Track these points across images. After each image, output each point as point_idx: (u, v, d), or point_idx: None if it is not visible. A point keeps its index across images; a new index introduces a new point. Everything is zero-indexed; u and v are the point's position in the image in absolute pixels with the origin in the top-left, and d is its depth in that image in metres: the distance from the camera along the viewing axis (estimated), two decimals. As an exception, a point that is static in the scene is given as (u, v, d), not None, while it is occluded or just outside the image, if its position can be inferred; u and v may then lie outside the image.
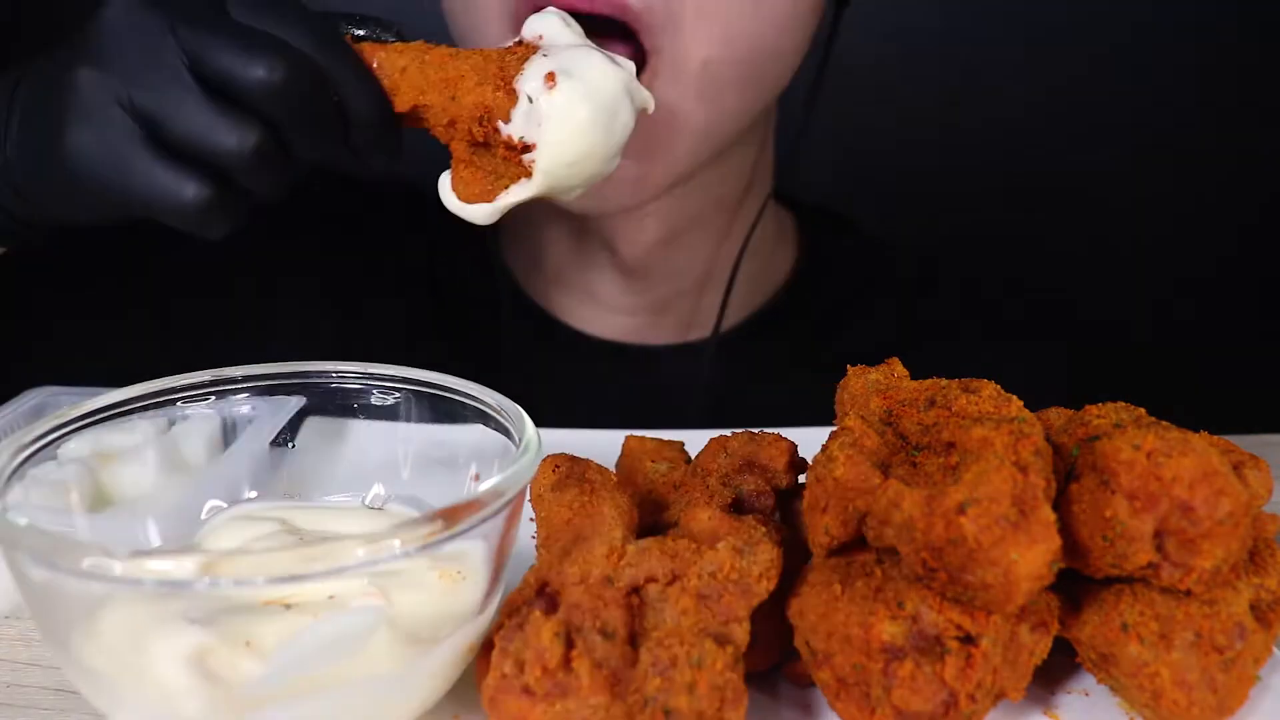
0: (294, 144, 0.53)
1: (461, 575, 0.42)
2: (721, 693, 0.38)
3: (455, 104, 0.53)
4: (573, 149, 0.52)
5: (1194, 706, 0.40)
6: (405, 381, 0.52)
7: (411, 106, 0.54)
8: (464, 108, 0.53)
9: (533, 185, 0.53)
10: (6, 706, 0.44)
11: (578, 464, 0.47)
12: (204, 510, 0.50)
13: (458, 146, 0.55)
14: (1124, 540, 0.39)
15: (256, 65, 0.49)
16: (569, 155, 0.52)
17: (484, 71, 0.53)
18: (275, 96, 0.50)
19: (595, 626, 0.39)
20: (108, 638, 0.38)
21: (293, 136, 0.52)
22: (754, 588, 0.41)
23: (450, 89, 0.53)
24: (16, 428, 0.58)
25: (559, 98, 0.51)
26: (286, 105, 0.50)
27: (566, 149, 0.52)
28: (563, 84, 0.51)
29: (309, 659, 0.37)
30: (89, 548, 0.35)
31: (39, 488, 0.46)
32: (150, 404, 0.50)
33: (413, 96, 0.54)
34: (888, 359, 0.49)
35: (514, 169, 0.54)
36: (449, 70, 0.54)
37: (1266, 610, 0.42)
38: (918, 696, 0.38)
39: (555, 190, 0.54)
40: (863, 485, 0.42)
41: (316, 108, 0.52)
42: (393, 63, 0.54)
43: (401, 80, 0.54)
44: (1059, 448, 0.43)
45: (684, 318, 0.88)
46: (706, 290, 0.87)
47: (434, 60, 0.54)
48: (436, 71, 0.54)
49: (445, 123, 0.54)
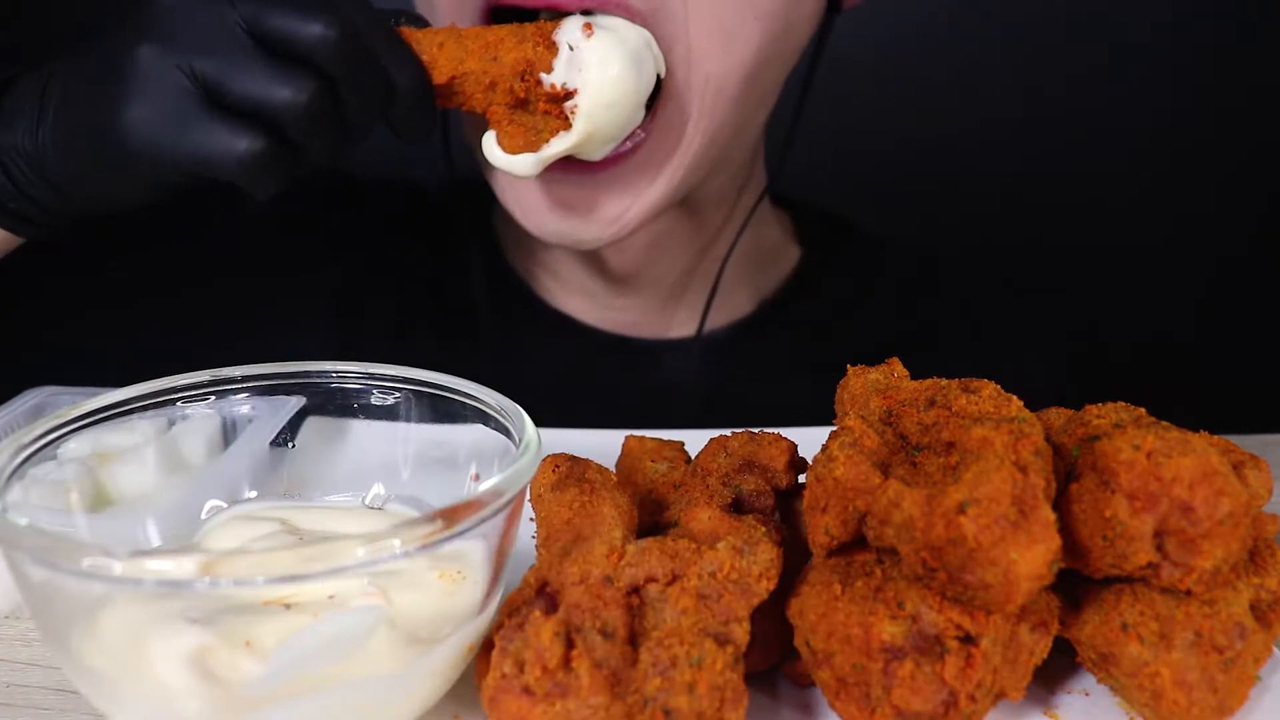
0: (346, 102, 0.55)
1: (461, 575, 0.42)
2: (721, 693, 0.38)
3: (496, 64, 0.58)
4: (611, 90, 0.58)
5: (1194, 706, 0.40)
6: (405, 381, 0.52)
7: (450, 78, 0.57)
8: (505, 66, 0.58)
9: (574, 133, 0.59)
10: (6, 706, 0.44)
11: (578, 464, 0.47)
12: (204, 510, 0.50)
13: (496, 110, 0.59)
14: (1124, 540, 0.39)
15: (313, 22, 0.53)
16: (608, 96, 0.58)
17: (521, 33, 0.58)
18: (330, 52, 0.53)
19: (595, 626, 0.39)
20: (108, 638, 0.38)
21: (345, 93, 0.55)
22: (754, 588, 0.41)
23: (491, 51, 0.58)
24: (16, 428, 0.58)
25: (597, 43, 0.58)
26: (340, 60, 0.53)
27: (605, 90, 0.58)
28: (599, 33, 0.58)
29: (309, 659, 0.37)
30: (89, 548, 0.35)
31: (39, 488, 0.46)
32: (150, 404, 0.50)
33: (451, 67, 0.57)
34: (888, 359, 0.49)
35: (553, 122, 0.59)
36: (488, 36, 0.58)
37: (1266, 610, 0.43)
38: (918, 696, 0.38)
39: (592, 139, 0.59)
40: (863, 485, 0.42)
41: (366, 68, 0.55)
42: (430, 39, 0.58)
43: (440, 54, 0.57)
44: (1059, 448, 0.43)
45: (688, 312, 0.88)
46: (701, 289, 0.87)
47: (470, 33, 0.58)
48: (475, 41, 0.58)
49: (485, 86, 0.58)
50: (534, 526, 0.47)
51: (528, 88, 0.58)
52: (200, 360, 0.53)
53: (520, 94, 0.58)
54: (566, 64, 0.58)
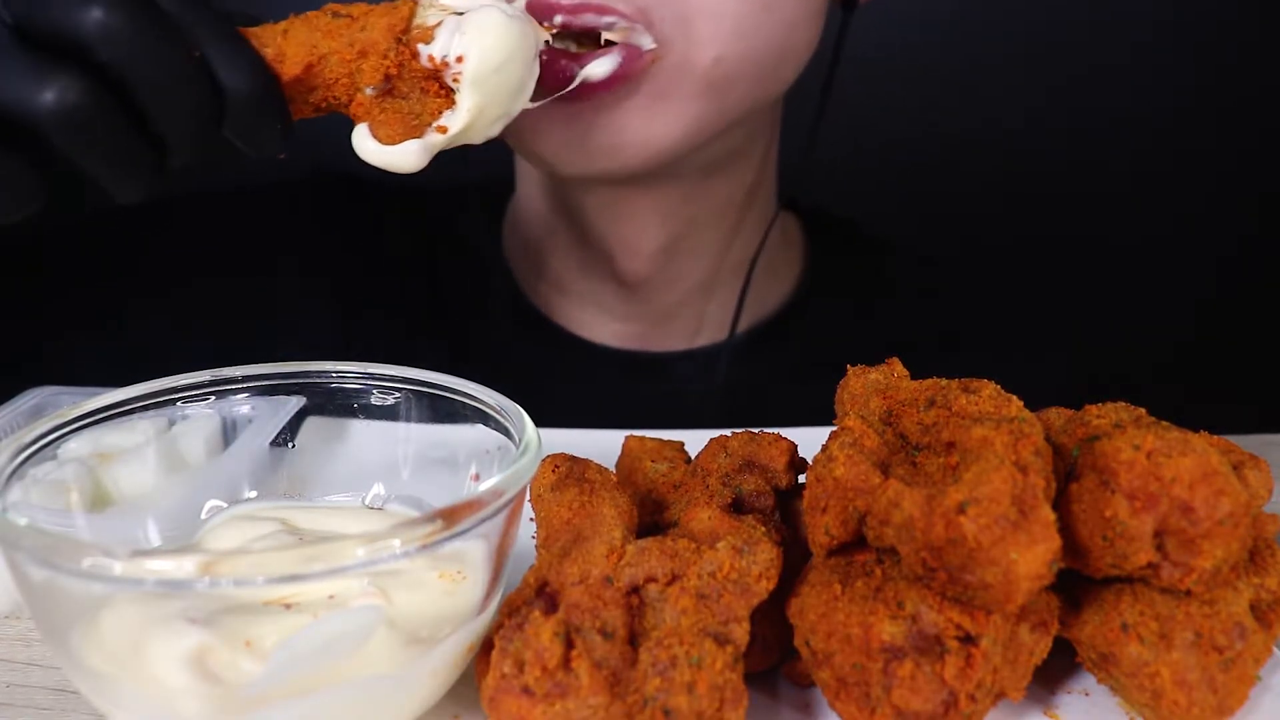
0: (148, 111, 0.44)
1: (461, 575, 0.42)
2: (721, 693, 0.38)
3: (365, 33, 0.48)
4: (498, 51, 0.49)
5: (1194, 706, 0.40)
6: (405, 381, 0.52)
7: (305, 67, 0.48)
8: (378, 31, 0.48)
9: (462, 108, 0.50)
10: (6, 706, 0.44)
11: (578, 464, 0.47)
12: (204, 510, 0.50)
13: (362, 102, 0.49)
14: (1124, 540, 0.39)
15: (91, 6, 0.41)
16: (496, 57, 0.49)
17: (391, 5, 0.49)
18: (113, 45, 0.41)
19: (595, 626, 0.39)
20: (108, 638, 0.38)
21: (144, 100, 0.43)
22: (754, 588, 0.41)
23: (358, 21, 0.48)
24: (16, 428, 0.58)
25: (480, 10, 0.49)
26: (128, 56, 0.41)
27: (493, 53, 0.49)
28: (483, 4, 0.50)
29: (309, 659, 0.37)
30: (89, 548, 0.35)
31: (39, 488, 0.46)
32: (150, 404, 0.50)
33: (304, 54, 0.48)
34: (888, 359, 0.49)
35: (432, 102, 0.50)
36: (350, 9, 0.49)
37: (1266, 610, 0.42)
38: (918, 696, 0.38)
39: (484, 113, 0.51)
40: (863, 485, 0.42)
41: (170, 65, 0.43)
42: (270, 30, 0.48)
43: (286, 42, 0.48)
44: (1059, 448, 0.43)
45: (690, 324, 0.87)
46: (712, 297, 0.86)
47: (318, 15, 0.49)
48: (330, 20, 0.48)
49: (350, 67, 0.48)
50: (534, 526, 0.47)
51: (403, 60, 0.49)
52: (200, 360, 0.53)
53: (393, 70, 0.49)
54: (450, 31, 0.49)
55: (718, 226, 0.83)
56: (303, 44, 0.47)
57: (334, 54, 0.48)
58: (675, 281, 0.84)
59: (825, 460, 0.43)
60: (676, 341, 0.87)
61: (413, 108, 0.50)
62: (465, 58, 0.49)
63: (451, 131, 0.50)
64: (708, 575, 0.40)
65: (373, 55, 0.48)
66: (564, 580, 0.40)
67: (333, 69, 0.48)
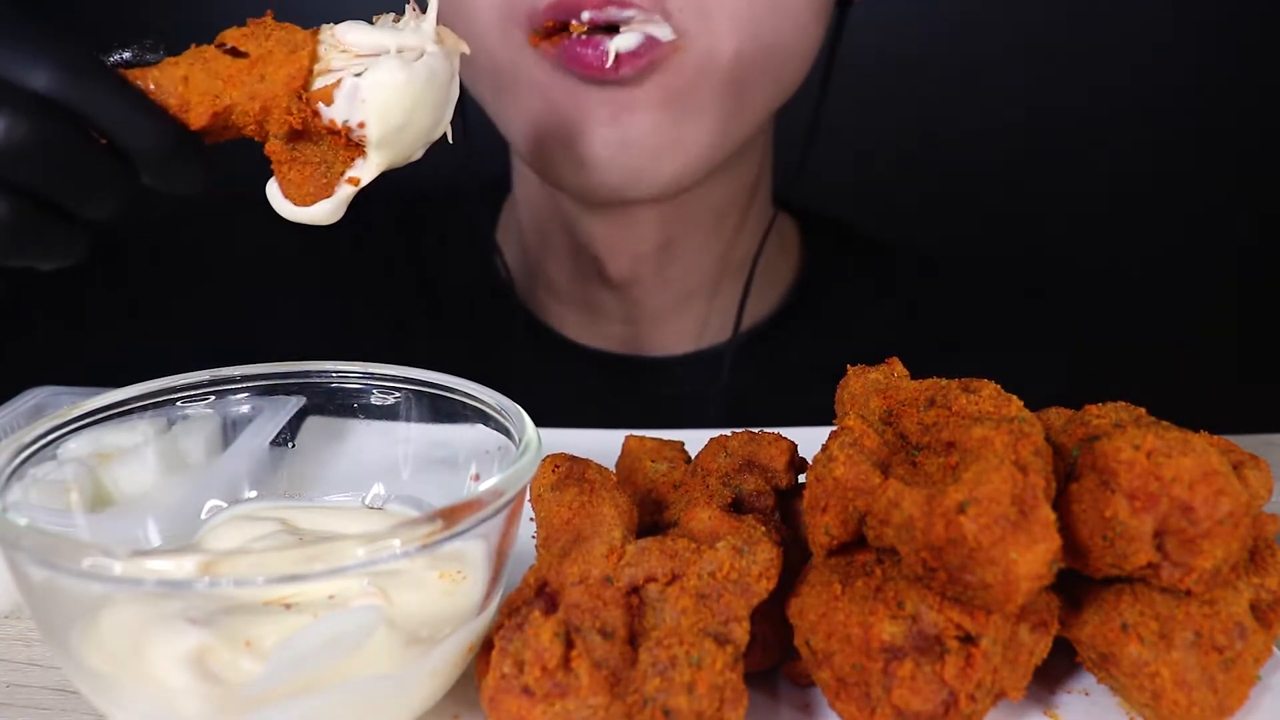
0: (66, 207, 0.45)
1: (461, 575, 0.42)
2: (721, 692, 0.38)
3: (265, 84, 0.46)
4: (399, 114, 0.48)
5: (1194, 706, 0.40)
6: (405, 381, 0.52)
7: (211, 116, 0.47)
8: (277, 84, 0.46)
9: (371, 162, 0.49)
10: (6, 706, 0.44)
11: (578, 464, 0.47)
12: (204, 510, 0.50)
13: (275, 146, 0.48)
14: (1124, 540, 0.39)
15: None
16: (397, 119, 0.48)
17: (291, 41, 0.47)
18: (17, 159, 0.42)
19: (595, 626, 0.39)
20: (108, 638, 0.38)
21: (59, 200, 0.44)
22: (753, 587, 0.41)
23: (256, 69, 0.46)
24: (16, 428, 0.58)
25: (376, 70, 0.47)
26: (35, 166, 0.42)
27: (394, 115, 0.48)
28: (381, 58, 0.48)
29: (309, 659, 0.37)
30: (89, 548, 0.35)
31: (39, 488, 0.46)
32: (150, 404, 0.50)
33: (209, 104, 0.46)
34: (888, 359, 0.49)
35: (344, 151, 0.49)
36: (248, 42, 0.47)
37: (1266, 610, 0.42)
38: (918, 696, 0.38)
39: (396, 160, 0.50)
40: (863, 485, 0.42)
41: (78, 159, 0.44)
42: (170, 76, 0.46)
43: (189, 91, 0.46)
44: (1059, 448, 0.43)
45: (688, 327, 0.86)
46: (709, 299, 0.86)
47: (216, 57, 0.47)
48: (229, 65, 0.47)
49: (257, 113, 0.47)
50: (534, 526, 0.47)
51: (305, 117, 0.47)
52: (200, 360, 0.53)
53: (298, 124, 0.47)
54: (349, 97, 0.47)
55: (716, 228, 0.83)
56: (205, 93, 0.46)
57: (238, 106, 0.47)
58: (671, 283, 0.83)
59: (825, 460, 0.43)
60: (674, 345, 0.87)
61: (324, 155, 0.49)
62: (366, 124, 0.48)
63: (364, 182, 0.50)
64: (708, 575, 0.40)
65: (275, 110, 0.47)
66: (564, 580, 0.40)
67: (239, 117, 0.47)
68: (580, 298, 0.85)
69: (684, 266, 0.83)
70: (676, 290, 0.84)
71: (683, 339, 0.87)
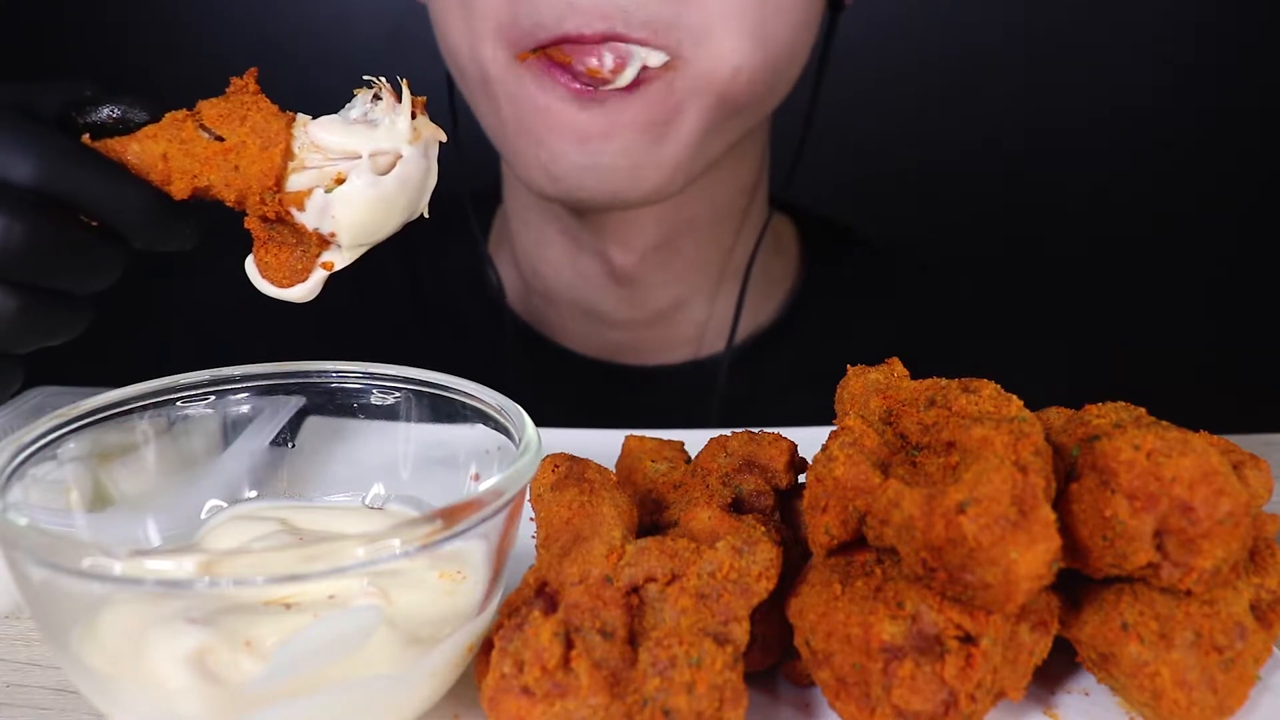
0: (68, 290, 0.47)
1: (461, 575, 0.42)
2: (720, 692, 0.38)
3: (239, 175, 0.47)
4: (369, 229, 0.49)
5: (1194, 706, 0.40)
6: (405, 381, 0.52)
7: (193, 190, 0.48)
8: (251, 178, 0.47)
9: (344, 255, 0.50)
10: (6, 706, 0.44)
11: (577, 464, 0.47)
12: (204, 510, 0.50)
13: (253, 224, 0.49)
14: (1124, 540, 0.39)
15: None
16: (368, 233, 0.49)
17: (265, 133, 0.47)
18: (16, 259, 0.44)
19: (595, 626, 0.39)
20: (108, 638, 0.38)
21: (61, 286, 0.47)
22: (753, 587, 0.41)
23: (230, 159, 0.47)
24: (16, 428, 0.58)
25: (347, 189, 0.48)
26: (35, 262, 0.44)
27: (364, 230, 0.49)
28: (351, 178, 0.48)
29: (309, 659, 0.37)
30: (89, 547, 0.35)
31: (39, 487, 0.46)
32: (150, 404, 0.50)
33: (187, 182, 0.47)
34: (887, 359, 0.49)
35: (320, 237, 0.50)
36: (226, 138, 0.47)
37: (1266, 610, 0.42)
38: (918, 696, 0.38)
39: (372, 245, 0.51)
40: (863, 485, 0.42)
41: (74, 247, 0.46)
42: (150, 151, 0.47)
43: (169, 168, 0.47)
44: (1059, 448, 0.43)
45: (687, 331, 0.86)
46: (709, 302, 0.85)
47: (193, 137, 0.47)
48: (206, 147, 0.47)
49: (234, 199, 0.48)
50: (534, 526, 0.47)
51: (279, 212, 0.48)
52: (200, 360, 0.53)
53: (271, 215, 0.48)
54: (319, 210, 0.48)
55: (717, 227, 0.83)
56: (184, 172, 0.47)
57: (214, 188, 0.48)
58: (672, 282, 0.83)
59: (825, 460, 0.43)
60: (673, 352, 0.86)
61: (300, 237, 0.49)
62: (337, 234, 0.48)
63: (339, 267, 0.51)
64: (707, 575, 0.40)
65: (250, 199, 0.48)
66: (564, 580, 0.40)
67: (219, 193, 0.48)
68: (579, 302, 0.85)
69: (686, 264, 0.83)
70: (677, 290, 0.84)
71: (682, 345, 0.86)
